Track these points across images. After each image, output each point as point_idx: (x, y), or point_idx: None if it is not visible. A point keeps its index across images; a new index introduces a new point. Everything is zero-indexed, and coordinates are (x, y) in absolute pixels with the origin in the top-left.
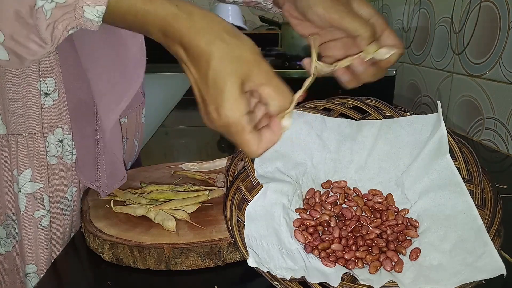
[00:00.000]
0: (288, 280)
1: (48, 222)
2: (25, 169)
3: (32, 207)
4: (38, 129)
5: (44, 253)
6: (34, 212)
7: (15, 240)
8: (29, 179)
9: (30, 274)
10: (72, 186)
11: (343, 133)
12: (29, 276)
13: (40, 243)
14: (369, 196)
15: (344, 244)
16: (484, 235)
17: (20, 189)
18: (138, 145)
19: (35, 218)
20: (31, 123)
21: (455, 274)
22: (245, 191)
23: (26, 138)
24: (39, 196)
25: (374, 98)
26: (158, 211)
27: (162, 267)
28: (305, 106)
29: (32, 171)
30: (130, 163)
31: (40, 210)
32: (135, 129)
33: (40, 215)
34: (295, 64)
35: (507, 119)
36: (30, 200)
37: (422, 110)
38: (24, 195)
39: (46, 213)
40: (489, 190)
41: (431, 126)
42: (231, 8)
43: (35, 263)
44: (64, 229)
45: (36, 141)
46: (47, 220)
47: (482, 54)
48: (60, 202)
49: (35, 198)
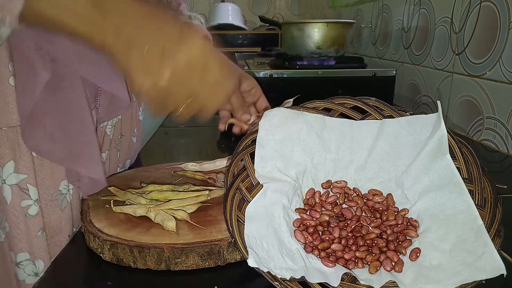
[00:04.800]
0: (288, 280)
1: (37, 212)
2: (7, 161)
3: (18, 197)
4: (18, 122)
5: (36, 241)
6: (21, 202)
7: (5, 231)
8: (13, 171)
9: (22, 262)
10: (66, 179)
11: (343, 133)
12: (21, 264)
13: (30, 231)
14: (369, 196)
15: (344, 244)
16: (484, 235)
17: (4, 181)
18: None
19: (22, 207)
20: (10, 117)
21: (455, 274)
22: (245, 191)
23: (6, 131)
24: (24, 186)
25: (374, 98)
26: (158, 211)
27: (162, 267)
28: (305, 106)
29: (15, 163)
30: (129, 161)
31: (26, 200)
32: (131, 126)
33: (26, 205)
34: (295, 64)
35: (507, 119)
36: (15, 190)
37: (422, 110)
38: (9, 186)
39: (32, 203)
40: (489, 190)
41: (431, 126)
42: (231, 8)
43: (27, 251)
44: (61, 222)
45: (16, 134)
46: (34, 209)
47: (482, 54)
48: (53, 195)
49: (21, 189)
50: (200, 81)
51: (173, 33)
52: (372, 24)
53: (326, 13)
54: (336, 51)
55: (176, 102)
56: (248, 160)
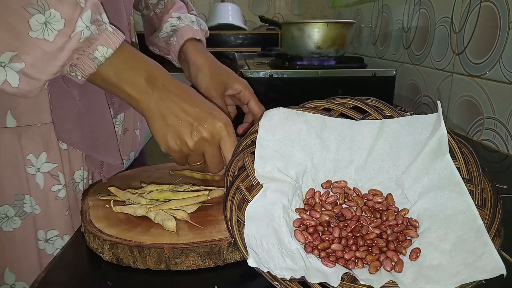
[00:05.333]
0: (288, 280)
1: (65, 194)
2: (41, 153)
3: (50, 183)
4: (49, 120)
5: (63, 219)
6: (52, 187)
7: (24, 217)
8: (45, 160)
9: (52, 238)
10: (81, 170)
11: (343, 133)
12: (51, 240)
13: (60, 211)
14: (369, 196)
15: (344, 244)
16: (484, 235)
17: (38, 169)
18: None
19: (53, 191)
20: (43, 116)
21: (455, 274)
22: (245, 191)
23: (39, 127)
24: (55, 173)
25: (374, 98)
26: (158, 211)
27: (162, 267)
28: (305, 106)
29: (47, 154)
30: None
31: (56, 185)
32: (134, 120)
33: (57, 189)
34: (295, 64)
35: (507, 119)
36: (47, 177)
37: (422, 110)
38: (42, 174)
39: (62, 187)
40: (489, 190)
41: (431, 126)
42: (231, 8)
43: (56, 229)
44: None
45: (48, 129)
46: (63, 192)
47: (482, 54)
48: (69, 182)
49: (52, 176)
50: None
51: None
52: (372, 24)
53: (326, 13)
54: (336, 51)
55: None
56: (248, 160)
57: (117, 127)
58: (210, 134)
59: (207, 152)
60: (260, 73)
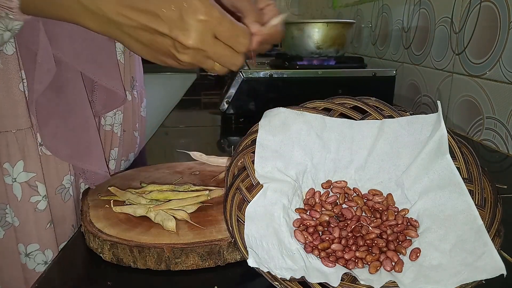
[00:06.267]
0: (288, 280)
1: (45, 206)
2: (17, 161)
3: (28, 193)
4: (26, 125)
5: (45, 233)
6: (30, 198)
7: (6, 228)
8: (22, 170)
9: (32, 252)
10: (69, 175)
11: (343, 133)
12: (31, 254)
13: (39, 225)
14: (369, 196)
15: (344, 244)
16: (484, 235)
17: (15, 179)
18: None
19: (31, 203)
20: (19, 121)
21: (455, 274)
22: (245, 191)
23: (15, 134)
24: (33, 184)
25: (374, 98)
26: (158, 211)
27: (162, 267)
28: (305, 106)
29: (24, 162)
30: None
31: (35, 196)
32: (132, 121)
33: (35, 200)
34: (295, 64)
35: (507, 119)
36: (25, 187)
37: (422, 110)
38: (19, 184)
39: (41, 199)
40: (489, 190)
41: (431, 126)
42: None
43: (36, 242)
44: (64, 212)
45: (25, 136)
46: (43, 204)
47: (482, 54)
48: (58, 189)
49: (30, 186)
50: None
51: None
52: (372, 24)
53: (326, 13)
54: (336, 51)
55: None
56: (248, 160)
57: (116, 128)
58: (196, 37)
59: (210, 55)
60: (260, 73)
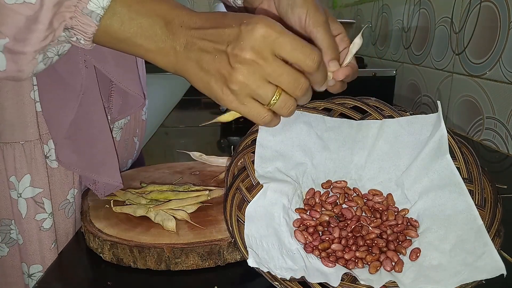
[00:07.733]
0: (288, 280)
1: (51, 224)
2: (24, 175)
3: (33, 210)
4: (34, 136)
5: (49, 254)
6: (36, 215)
7: (11, 244)
8: (29, 184)
9: (35, 274)
10: (73, 188)
11: (343, 133)
12: (34, 276)
13: (44, 244)
14: (369, 196)
15: (344, 244)
16: (484, 235)
17: (20, 195)
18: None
19: (37, 221)
20: (28, 131)
21: (455, 274)
22: (245, 191)
23: (23, 145)
24: (39, 200)
25: (374, 98)
26: (158, 211)
27: (162, 267)
28: (305, 106)
29: (31, 177)
30: (130, 161)
31: (41, 213)
32: (134, 127)
33: (41, 218)
34: None
35: (507, 119)
36: (31, 204)
37: (422, 110)
38: (25, 199)
39: (47, 216)
40: (489, 190)
41: (431, 126)
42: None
43: (40, 263)
44: (68, 229)
45: (33, 148)
46: (49, 222)
47: (482, 54)
48: (61, 204)
49: (36, 202)
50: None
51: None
52: (372, 24)
53: None
54: None
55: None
56: (248, 160)
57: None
58: (252, 49)
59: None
60: None
